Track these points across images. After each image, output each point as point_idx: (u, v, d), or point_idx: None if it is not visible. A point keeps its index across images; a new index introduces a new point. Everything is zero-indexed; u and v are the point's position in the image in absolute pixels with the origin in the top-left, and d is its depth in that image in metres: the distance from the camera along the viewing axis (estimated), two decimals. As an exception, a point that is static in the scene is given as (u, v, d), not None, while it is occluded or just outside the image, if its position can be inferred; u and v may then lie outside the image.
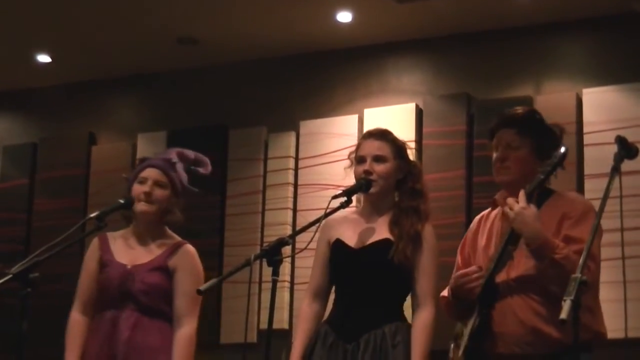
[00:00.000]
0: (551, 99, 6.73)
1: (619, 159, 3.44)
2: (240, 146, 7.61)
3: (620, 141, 3.47)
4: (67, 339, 4.38)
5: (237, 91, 7.81)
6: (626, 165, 3.50)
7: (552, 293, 3.62)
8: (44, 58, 7.86)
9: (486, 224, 4.00)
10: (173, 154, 4.55)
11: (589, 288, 3.48)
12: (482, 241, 3.95)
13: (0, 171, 8.38)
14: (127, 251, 4.43)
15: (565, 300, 3.00)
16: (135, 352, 4.26)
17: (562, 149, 3.70)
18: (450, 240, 4.14)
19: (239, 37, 7.38)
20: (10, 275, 3.81)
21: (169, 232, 4.51)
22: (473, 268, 3.83)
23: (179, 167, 4.50)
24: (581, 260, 3.14)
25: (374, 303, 3.96)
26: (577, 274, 3.07)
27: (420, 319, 3.94)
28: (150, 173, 4.44)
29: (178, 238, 4.50)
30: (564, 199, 3.85)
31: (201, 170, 4.61)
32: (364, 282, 3.98)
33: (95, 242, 4.50)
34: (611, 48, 6.78)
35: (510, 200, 3.70)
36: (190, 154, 4.62)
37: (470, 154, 6.88)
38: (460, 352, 3.76)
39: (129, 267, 4.37)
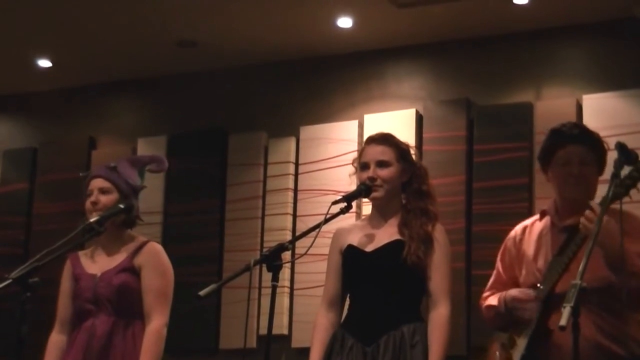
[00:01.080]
0: (551, 104, 6.73)
1: (619, 165, 3.44)
2: (240, 151, 7.61)
3: (621, 147, 3.47)
4: None
5: (237, 96, 7.80)
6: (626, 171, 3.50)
7: (611, 306, 3.59)
8: (44, 62, 7.86)
9: (532, 235, 3.97)
10: (120, 162, 4.60)
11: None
12: (529, 251, 3.92)
13: (1, 175, 8.38)
14: (96, 262, 4.50)
15: (564, 307, 3.00)
16: (109, 357, 4.29)
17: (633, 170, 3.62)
18: (451, 245, 4.12)
19: (239, 41, 7.38)
20: (9, 280, 3.81)
21: (132, 234, 4.56)
22: (529, 295, 3.81)
23: (123, 167, 4.52)
24: (581, 267, 3.14)
25: (391, 304, 3.96)
26: (577, 281, 3.07)
27: (435, 317, 3.94)
28: (94, 184, 4.52)
29: (143, 238, 4.55)
30: (617, 215, 3.73)
31: (155, 168, 4.64)
32: (379, 284, 3.98)
33: (67, 262, 4.57)
34: (611, 54, 6.78)
35: (588, 212, 3.61)
36: (143, 157, 4.75)
37: (471, 160, 6.88)
38: (520, 356, 3.74)
39: (98, 275, 4.42)
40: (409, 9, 6.76)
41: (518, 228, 4.08)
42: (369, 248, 4.05)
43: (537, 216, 4.06)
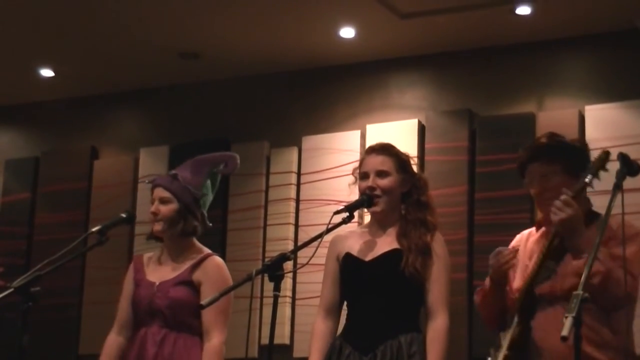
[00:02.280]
0: (553, 115, 6.73)
1: (621, 176, 3.44)
2: (242, 161, 7.51)
3: (623, 158, 3.47)
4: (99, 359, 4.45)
5: (239, 106, 7.81)
6: (628, 182, 3.50)
7: (595, 312, 3.59)
8: (47, 72, 7.87)
9: (527, 243, 3.98)
10: (183, 167, 4.55)
11: (627, 308, 3.50)
12: (524, 258, 3.93)
13: (3, 185, 8.38)
14: (158, 269, 4.45)
15: (566, 317, 3.00)
16: None
17: (604, 152, 3.68)
18: (453, 256, 4.12)
19: (241, 51, 7.39)
20: (11, 289, 3.81)
21: (197, 245, 4.50)
22: (507, 248, 3.85)
23: (186, 173, 4.48)
24: (583, 278, 3.13)
25: (388, 314, 3.95)
26: (579, 291, 3.06)
27: (433, 327, 3.92)
28: (155, 193, 4.47)
29: (206, 250, 4.48)
30: (611, 221, 3.75)
31: (225, 169, 4.60)
32: (377, 293, 3.97)
33: (131, 264, 4.54)
34: (614, 65, 6.78)
35: (557, 202, 3.66)
36: (211, 157, 4.62)
37: (473, 170, 6.88)
38: None
39: (157, 284, 4.38)
40: (412, 19, 6.77)
41: (518, 237, 4.09)
42: (367, 257, 4.04)
43: (533, 228, 4.06)
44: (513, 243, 4.07)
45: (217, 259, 4.47)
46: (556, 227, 3.66)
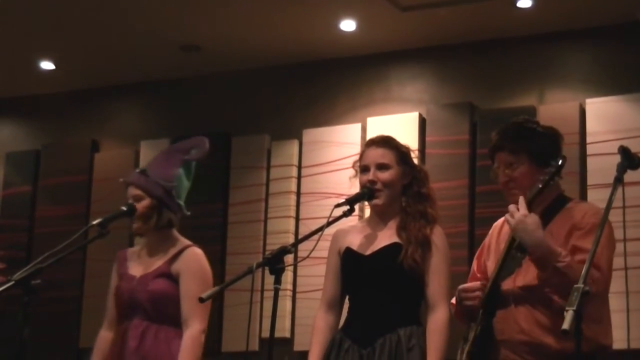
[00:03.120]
0: (554, 108, 6.73)
1: (622, 169, 3.44)
2: (243, 154, 7.61)
3: (624, 151, 3.47)
4: (92, 356, 4.49)
5: (240, 99, 7.81)
6: (629, 175, 3.50)
7: (555, 303, 3.61)
8: (47, 65, 7.87)
9: (501, 233, 3.99)
10: (153, 161, 4.54)
11: (594, 298, 3.49)
12: (496, 249, 3.94)
13: (3, 178, 8.39)
14: (140, 263, 4.49)
15: (567, 311, 2.99)
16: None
17: (560, 160, 3.69)
18: (454, 249, 4.12)
19: (241, 44, 7.39)
20: (12, 282, 3.81)
21: (175, 236, 4.52)
22: (475, 284, 3.84)
23: (155, 167, 4.49)
24: (583, 271, 3.13)
25: (388, 307, 3.94)
26: (580, 284, 3.06)
27: (433, 320, 3.92)
28: (129, 192, 4.49)
29: (186, 242, 4.50)
30: (576, 209, 3.81)
31: (196, 155, 4.61)
32: (377, 287, 3.97)
33: (116, 259, 4.58)
34: (614, 58, 6.78)
35: (511, 207, 3.69)
36: (180, 146, 4.62)
37: (474, 163, 6.88)
38: (464, 356, 3.76)
39: (137, 277, 4.40)
40: (412, 12, 6.76)
41: (493, 227, 4.10)
42: (367, 251, 4.04)
43: (507, 215, 4.07)
44: (489, 232, 4.08)
45: (196, 249, 4.48)
46: (511, 230, 3.66)
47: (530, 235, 3.60)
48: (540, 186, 3.66)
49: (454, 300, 3.95)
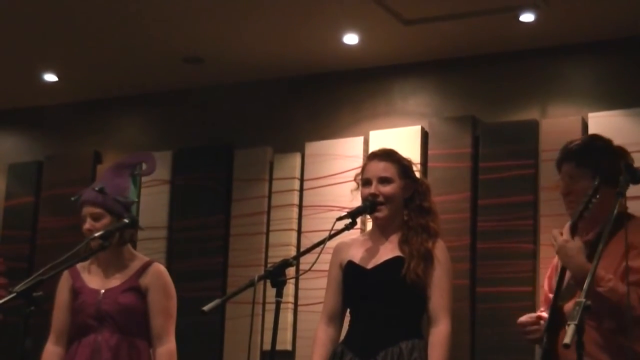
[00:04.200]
0: (557, 122, 6.73)
1: (624, 183, 3.43)
2: (245, 166, 7.61)
3: (626, 166, 3.46)
4: None
5: (242, 111, 7.81)
6: (632, 190, 3.50)
7: (605, 324, 3.59)
8: (50, 77, 7.88)
9: None
10: (105, 178, 4.54)
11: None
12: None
13: (6, 189, 8.39)
14: (97, 277, 4.51)
15: (569, 325, 2.99)
16: None
17: (597, 180, 3.65)
18: (456, 262, 4.12)
19: (245, 57, 7.40)
20: (14, 294, 3.81)
21: (133, 251, 4.58)
22: (529, 320, 3.85)
23: (110, 184, 4.50)
24: (585, 285, 3.13)
25: (390, 320, 3.94)
26: (582, 299, 3.06)
27: (435, 334, 3.92)
28: (85, 210, 4.54)
29: (144, 258, 4.57)
30: (636, 227, 3.75)
31: (145, 171, 4.62)
32: (379, 300, 3.97)
33: (65, 274, 4.56)
34: (617, 72, 6.78)
35: (554, 232, 3.68)
36: (127, 161, 4.64)
37: (476, 177, 6.88)
38: None
39: (102, 291, 4.43)
40: (415, 26, 6.77)
41: None
42: (369, 265, 4.04)
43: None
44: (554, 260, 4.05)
45: (160, 265, 4.55)
46: (557, 255, 3.67)
47: (572, 260, 3.60)
48: (580, 209, 3.64)
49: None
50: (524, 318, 3.87)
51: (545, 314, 3.86)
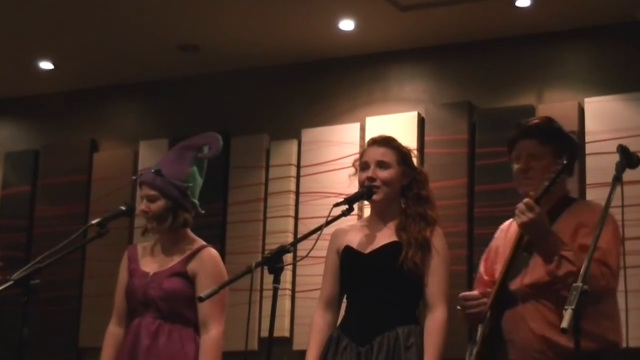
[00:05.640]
0: (553, 108, 6.72)
1: (620, 168, 3.44)
2: (242, 153, 7.61)
3: (622, 150, 3.47)
4: (101, 352, 4.44)
5: (239, 98, 7.81)
6: (628, 174, 3.50)
7: (564, 300, 3.61)
8: (46, 65, 7.87)
9: (508, 234, 3.99)
10: (165, 160, 4.52)
11: (604, 295, 3.51)
12: (504, 251, 3.95)
13: (2, 178, 8.39)
14: (152, 260, 4.45)
15: (566, 310, 3.00)
16: (156, 359, 4.26)
17: (565, 158, 3.70)
18: (453, 248, 4.13)
19: (240, 44, 7.39)
20: (11, 282, 3.81)
21: (191, 236, 4.50)
22: (473, 294, 3.85)
23: (169, 166, 4.45)
24: (582, 270, 3.13)
25: (386, 306, 3.95)
26: (579, 283, 3.06)
27: (431, 320, 3.93)
28: (143, 191, 4.45)
29: (201, 242, 4.48)
30: (582, 208, 3.83)
31: (209, 154, 4.55)
32: (376, 286, 3.97)
33: (125, 254, 4.53)
34: (613, 57, 6.78)
35: (520, 205, 3.69)
36: (192, 143, 4.56)
37: (472, 163, 6.88)
38: (473, 357, 3.76)
39: (150, 274, 4.38)
40: (411, 12, 6.76)
41: (499, 229, 4.10)
42: (366, 250, 4.04)
43: (513, 218, 4.07)
44: (496, 234, 4.08)
45: (212, 250, 4.46)
46: (519, 227, 3.67)
47: (536, 227, 3.60)
48: (547, 184, 3.67)
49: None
50: (467, 293, 3.88)
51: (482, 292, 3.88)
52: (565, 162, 3.68)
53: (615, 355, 3.78)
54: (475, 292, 3.88)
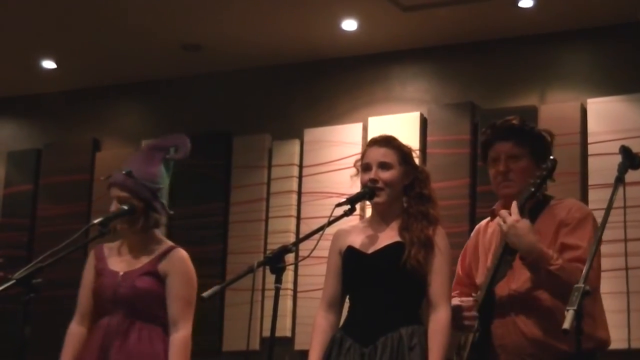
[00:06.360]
0: (555, 108, 6.73)
1: (623, 169, 3.44)
2: (244, 153, 7.61)
3: (625, 151, 3.47)
4: (62, 350, 4.45)
5: (241, 98, 7.81)
6: (630, 175, 3.50)
7: (549, 303, 3.62)
8: (49, 64, 7.87)
9: (485, 235, 4.00)
10: (135, 160, 4.53)
11: (594, 295, 3.51)
12: (482, 252, 3.95)
13: (5, 177, 8.39)
14: (121, 260, 4.47)
15: (568, 311, 3.00)
16: (126, 358, 4.28)
17: (550, 160, 3.71)
18: (455, 248, 4.11)
19: (243, 44, 7.39)
20: (13, 281, 3.81)
21: (159, 236, 4.53)
22: (470, 304, 3.85)
23: (139, 167, 4.45)
24: (584, 271, 3.14)
25: (390, 306, 3.94)
26: (580, 284, 3.07)
27: (435, 321, 3.92)
28: (113, 192, 4.46)
29: (169, 243, 4.51)
30: (561, 206, 3.85)
31: (178, 155, 4.57)
32: (378, 286, 3.97)
33: (91, 254, 4.56)
34: (616, 58, 6.78)
35: (503, 212, 3.70)
36: (161, 144, 4.57)
37: (475, 163, 6.88)
38: None
39: (121, 274, 4.40)
40: (414, 12, 6.76)
41: (475, 229, 4.11)
42: (369, 250, 4.04)
43: (489, 217, 4.07)
44: (472, 234, 4.09)
45: (183, 251, 4.49)
46: (503, 235, 3.67)
47: (523, 240, 3.62)
48: (532, 189, 3.68)
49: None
50: (464, 304, 3.87)
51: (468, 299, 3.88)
52: (549, 165, 3.69)
53: (605, 354, 3.79)
54: (469, 304, 3.87)
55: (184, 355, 4.35)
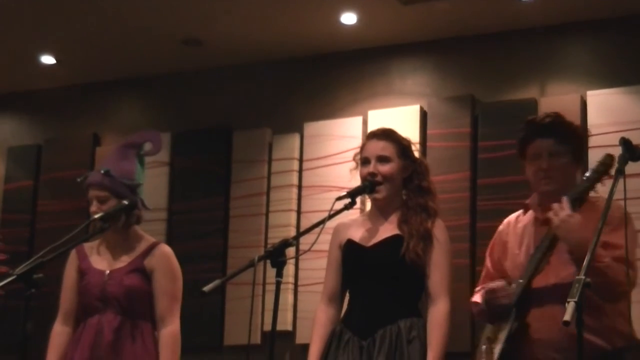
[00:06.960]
0: (555, 101, 6.72)
1: (623, 161, 3.44)
2: (244, 148, 7.61)
3: (625, 143, 3.47)
4: (47, 350, 4.49)
5: (241, 93, 7.81)
6: (630, 167, 3.50)
7: (593, 301, 3.60)
8: (48, 59, 7.86)
9: (516, 229, 3.97)
10: (110, 159, 4.53)
11: (627, 296, 3.52)
12: (514, 246, 3.93)
13: (5, 172, 8.39)
14: (104, 258, 4.50)
15: (569, 302, 3.00)
16: (119, 355, 4.30)
17: (607, 156, 3.69)
18: (455, 242, 4.13)
19: (243, 38, 7.39)
20: (14, 276, 3.82)
21: (140, 232, 4.55)
22: (501, 284, 3.82)
23: (116, 166, 4.47)
24: (585, 262, 3.14)
25: (388, 299, 3.95)
26: (581, 276, 3.07)
27: (434, 313, 3.92)
28: (91, 193, 4.49)
29: (151, 238, 4.55)
30: (598, 205, 3.79)
31: (150, 150, 4.58)
32: (378, 279, 3.97)
33: (72, 254, 4.55)
34: (616, 50, 6.78)
35: (556, 205, 3.66)
36: (133, 141, 4.59)
37: (475, 156, 6.88)
38: (496, 356, 3.73)
39: (107, 272, 4.42)
40: (414, 5, 6.76)
41: (505, 222, 4.09)
42: (368, 243, 4.05)
43: (521, 211, 4.06)
44: (501, 228, 4.07)
45: (166, 247, 4.54)
46: (554, 229, 3.66)
47: (574, 235, 3.60)
48: (588, 184, 3.66)
49: (477, 299, 3.92)
50: (495, 285, 3.85)
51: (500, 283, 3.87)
52: (607, 161, 3.69)
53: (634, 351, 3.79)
54: (500, 283, 3.85)
55: (175, 349, 4.37)
